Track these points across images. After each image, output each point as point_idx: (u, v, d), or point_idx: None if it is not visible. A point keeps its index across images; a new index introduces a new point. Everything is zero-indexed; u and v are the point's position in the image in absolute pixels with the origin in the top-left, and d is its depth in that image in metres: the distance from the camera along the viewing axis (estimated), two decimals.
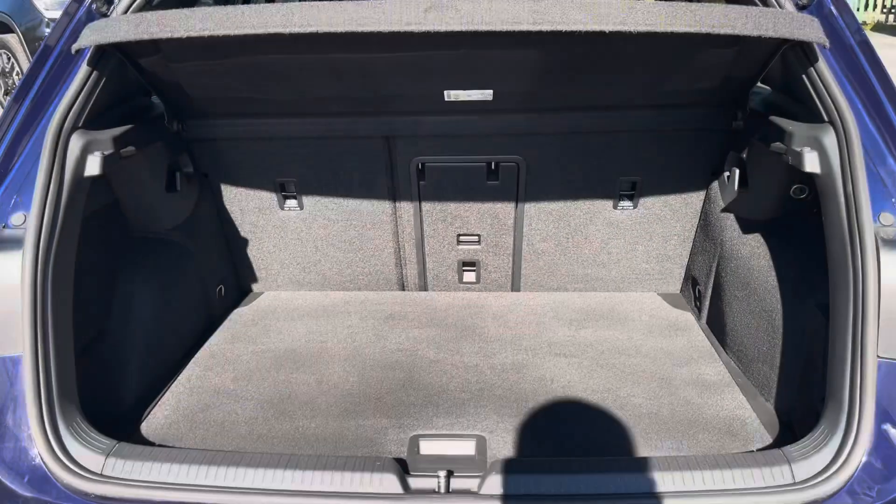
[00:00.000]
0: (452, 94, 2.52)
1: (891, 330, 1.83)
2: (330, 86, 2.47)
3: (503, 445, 2.25)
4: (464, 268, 3.30)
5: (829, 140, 1.98)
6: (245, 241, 3.22)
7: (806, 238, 2.42)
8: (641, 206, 3.04)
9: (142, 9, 2.24)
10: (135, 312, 2.54)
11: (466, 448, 2.24)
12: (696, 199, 3.00)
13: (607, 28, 1.83)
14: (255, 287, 3.39)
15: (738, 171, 2.69)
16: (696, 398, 2.48)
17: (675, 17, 1.83)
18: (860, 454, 1.81)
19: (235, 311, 3.21)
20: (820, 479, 1.80)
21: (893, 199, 1.97)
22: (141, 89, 2.56)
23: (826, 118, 2.02)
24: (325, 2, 1.86)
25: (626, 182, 2.98)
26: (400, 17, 1.83)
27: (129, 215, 2.64)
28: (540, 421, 2.37)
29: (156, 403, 2.50)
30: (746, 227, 2.67)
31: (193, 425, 2.38)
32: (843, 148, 1.94)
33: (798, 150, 2.07)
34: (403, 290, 3.38)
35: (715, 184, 2.90)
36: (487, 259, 3.24)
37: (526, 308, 3.19)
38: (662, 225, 3.09)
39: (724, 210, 2.81)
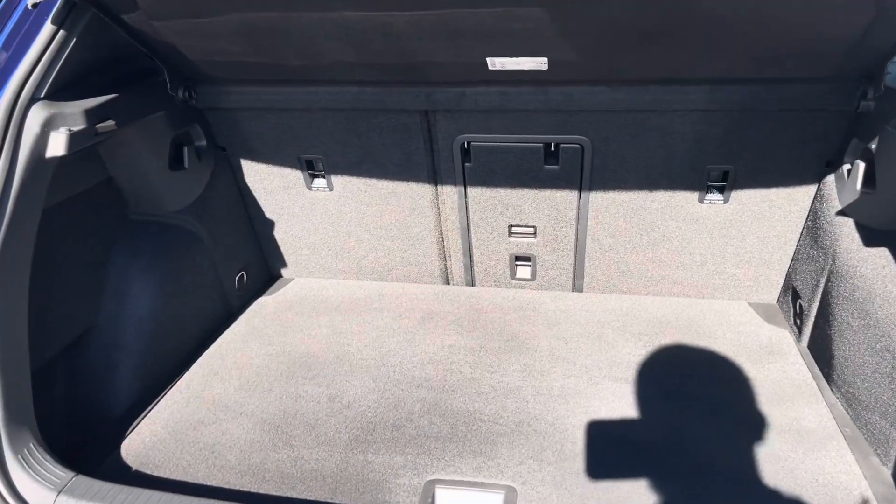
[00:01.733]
0: (497, 62, 2.04)
1: None
2: (346, 50, 2.04)
3: (537, 502, 1.83)
4: (517, 262, 2.85)
5: None
6: (271, 224, 2.86)
7: None
8: (734, 200, 2.49)
9: None
10: (128, 307, 2.23)
11: (492, 502, 1.84)
12: (804, 194, 2.43)
13: None
14: (285, 273, 3.05)
15: (862, 166, 2.11)
16: (790, 452, 1.97)
17: None
18: None
19: (258, 300, 2.88)
20: None
21: None
22: (131, 53, 2.21)
23: None
24: None
25: (716, 171, 2.43)
26: None
27: (124, 196, 2.32)
28: (586, 471, 1.92)
29: (146, 415, 2.20)
30: (870, 238, 2.09)
31: (181, 446, 2.06)
32: None
33: None
34: (448, 283, 2.96)
35: (830, 178, 2.32)
36: (544, 254, 2.77)
37: (587, 314, 2.71)
38: (759, 224, 2.53)
39: (841, 213, 2.23)
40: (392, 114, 2.42)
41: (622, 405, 2.18)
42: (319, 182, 2.71)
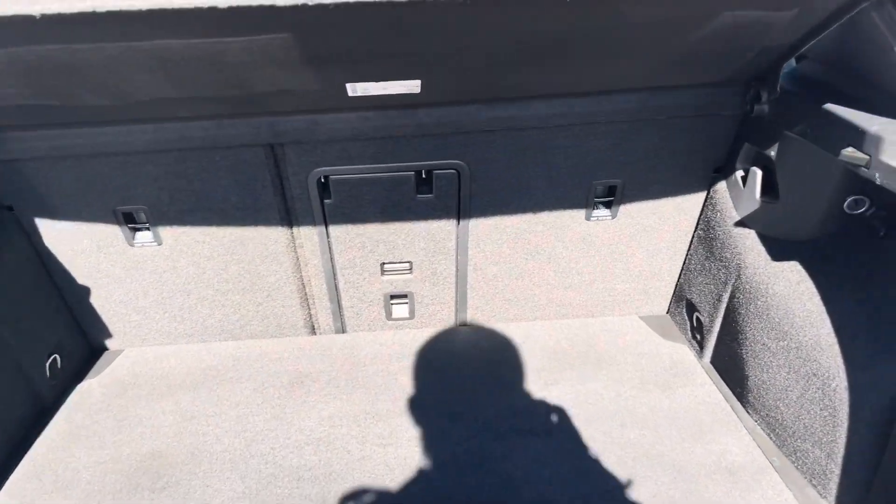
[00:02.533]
0: (359, 88, 1.68)
1: None
2: (165, 84, 1.59)
3: None
4: (392, 301, 2.50)
5: None
6: (86, 290, 2.32)
7: (871, 273, 1.73)
8: (622, 214, 2.29)
9: None
10: None
11: None
12: (693, 203, 2.27)
13: None
14: (112, 344, 2.50)
15: (760, 173, 1.97)
16: (726, 497, 1.79)
17: None
18: None
19: (80, 386, 2.33)
20: None
21: None
22: None
23: None
24: None
25: (602, 186, 2.22)
26: None
27: None
28: None
29: None
30: (778, 251, 1.95)
31: None
32: None
33: (895, 164, 1.35)
34: (314, 334, 2.56)
35: (721, 186, 2.17)
36: (423, 290, 2.45)
37: (477, 351, 2.42)
38: (648, 237, 2.36)
39: (740, 224, 2.09)
40: (229, 150, 1.98)
41: (535, 466, 1.91)
42: (143, 236, 2.21)
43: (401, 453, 1.97)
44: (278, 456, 1.98)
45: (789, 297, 1.85)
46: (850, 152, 1.48)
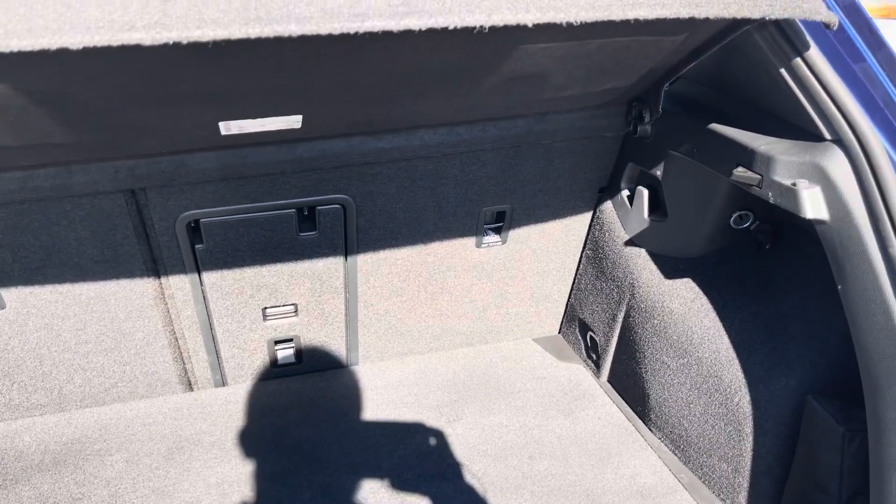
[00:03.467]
0: (234, 127, 1.52)
1: None
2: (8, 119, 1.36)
3: None
4: (277, 347, 2.32)
5: (839, 169, 1.30)
6: None
7: (762, 285, 1.77)
8: (512, 239, 2.25)
9: None
10: None
11: None
12: (579, 224, 2.27)
13: (530, 19, 0.97)
14: None
15: (646, 192, 1.98)
16: None
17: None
18: None
19: None
20: None
21: None
22: None
23: (827, 135, 1.33)
24: None
25: (491, 213, 2.17)
26: (109, 16, 0.83)
27: None
28: None
29: None
30: (670, 269, 1.97)
31: None
32: (869, 181, 1.26)
33: (786, 183, 1.37)
34: (191, 390, 2.33)
35: (607, 205, 2.18)
36: (310, 332, 2.29)
37: (372, 393, 2.30)
38: (538, 259, 2.33)
39: (630, 243, 2.09)
40: (83, 199, 1.75)
41: None
42: None
43: None
44: None
45: (686, 314, 1.87)
46: (740, 172, 1.50)
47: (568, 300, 2.48)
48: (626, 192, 2.09)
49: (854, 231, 1.28)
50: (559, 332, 2.59)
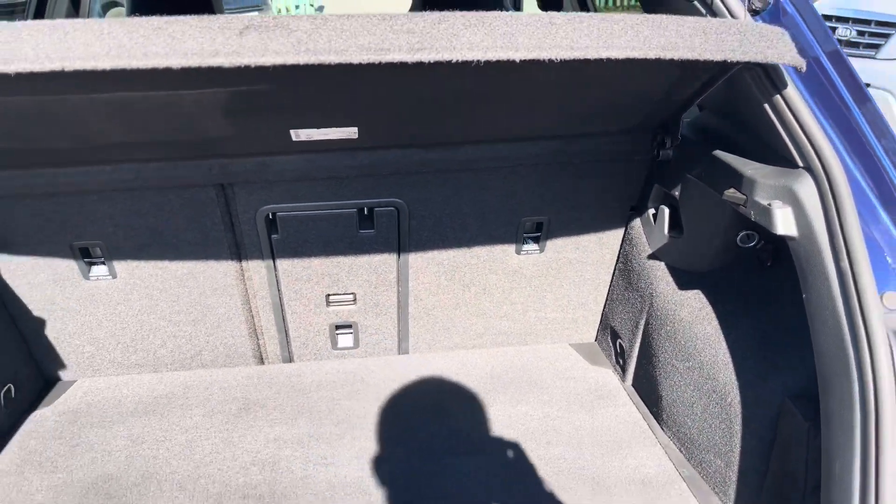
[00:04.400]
0: (303, 134, 1.86)
1: None
2: (122, 130, 1.74)
3: None
4: (338, 331, 2.65)
5: (807, 192, 1.49)
6: (41, 322, 2.41)
7: (762, 300, 1.95)
8: (549, 248, 2.49)
9: None
10: None
11: None
12: (612, 238, 2.49)
13: (518, 56, 1.23)
14: (65, 375, 2.59)
15: (667, 211, 2.19)
16: None
17: (612, 38, 1.26)
18: None
19: (34, 414, 2.41)
20: None
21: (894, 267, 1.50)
22: None
23: (800, 163, 1.53)
24: (88, 22, 1.16)
25: (529, 223, 2.42)
26: (200, 45, 1.16)
27: None
28: None
29: None
30: (683, 280, 2.17)
31: None
32: (829, 204, 1.45)
33: (764, 203, 1.57)
34: (262, 363, 2.69)
35: (637, 222, 2.39)
36: (366, 320, 2.60)
37: (418, 378, 2.58)
38: (574, 269, 2.56)
39: (652, 257, 2.30)
40: (182, 190, 2.13)
41: (470, 485, 2.06)
42: (98, 270, 2.33)
43: (342, 473, 2.11)
44: (225, 476, 2.10)
45: (692, 321, 2.06)
46: (731, 192, 1.71)
47: (603, 309, 2.69)
48: (651, 211, 2.30)
49: (815, 246, 1.47)
50: (595, 340, 2.79)
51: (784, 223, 1.53)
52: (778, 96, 1.55)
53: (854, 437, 1.37)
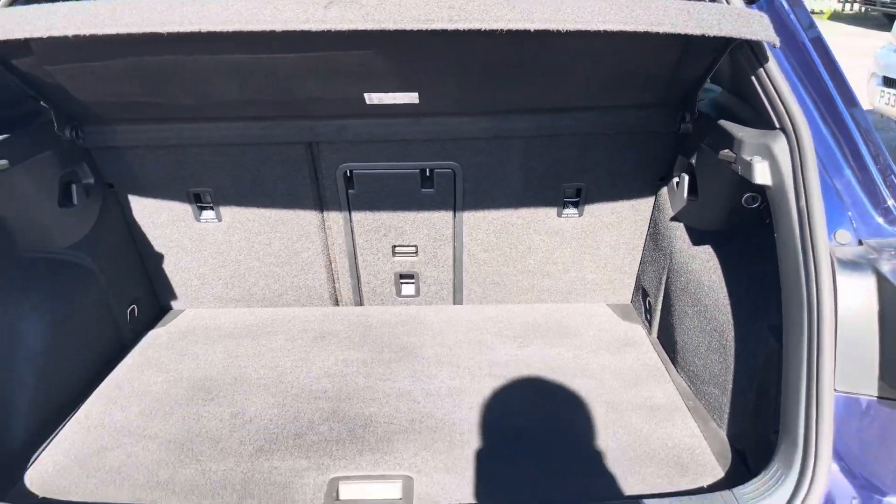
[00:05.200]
0: (374, 98, 2.28)
1: (848, 361, 1.65)
2: (235, 89, 2.22)
3: (432, 486, 2.04)
4: (401, 280, 3.07)
5: (780, 148, 1.80)
6: (160, 257, 2.94)
7: (759, 252, 2.24)
8: (587, 213, 2.84)
9: (12, 3, 1.97)
10: (21, 344, 2.26)
11: (391, 491, 2.04)
12: (644, 206, 2.81)
13: (532, 26, 1.61)
14: (175, 304, 3.12)
15: (687, 178, 2.50)
16: (645, 425, 2.29)
17: (608, 14, 1.62)
18: (817, 499, 1.63)
19: (151, 332, 2.94)
20: None
21: (850, 215, 1.79)
22: (21, 95, 2.28)
23: (777, 124, 1.84)
24: None
25: (570, 188, 2.77)
26: (296, 14, 1.59)
27: (14, 234, 2.35)
28: (473, 456, 2.16)
29: (46, 446, 2.23)
30: (697, 238, 2.48)
31: (86, 472, 2.12)
32: (796, 158, 1.75)
33: (748, 159, 1.88)
34: (337, 305, 3.14)
35: (664, 190, 2.71)
36: (426, 271, 3.02)
37: (467, 323, 2.97)
38: (610, 233, 2.90)
39: (673, 219, 2.62)
40: (278, 147, 2.60)
41: (502, 399, 2.44)
42: (208, 214, 2.83)
43: (396, 385, 2.52)
44: (302, 383, 2.55)
45: (701, 272, 2.37)
46: (725, 153, 2.02)
47: (637, 273, 3.01)
48: (675, 179, 2.61)
49: (784, 192, 1.77)
50: (630, 302, 3.11)
51: (761, 174, 1.84)
52: (761, 70, 1.86)
53: (802, 342, 1.68)
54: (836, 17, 19.32)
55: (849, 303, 1.64)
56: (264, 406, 2.42)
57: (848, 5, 19.98)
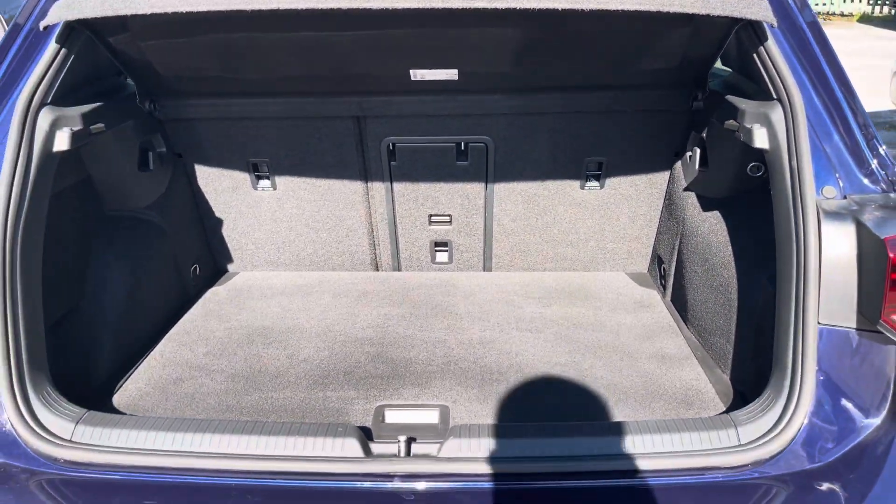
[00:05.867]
0: (418, 74, 2.57)
1: (831, 298, 1.90)
2: (297, 65, 2.53)
3: (466, 414, 2.32)
4: (436, 248, 3.36)
5: (777, 116, 2.05)
6: (219, 221, 3.26)
7: (761, 214, 2.49)
8: (608, 186, 3.11)
9: None
10: (107, 290, 2.59)
11: (430, 417, 2.31)
12: (661, 179, 3.07)
13: (558, 6, 1.89)
14: (231, 267, 3.44)
15: (698, 151, 2.76)
16: (656, 370, 2.55)
17: None
18: (802, 417, 1.88)
19: (210, 289, 3.26)
20: (764, 440, 1.87)
21: (837, 174, 2.04)
22: (112, 69, 2.60)
23: (775, 95, 2.09)
24: None
25: (592, 162, 3.04)
26: None
27: (101, 193, 2.68)
28: (503, 391, 2.44)
29: (128, 377, 2.55)
30: (706, 205, 2.74)
31: (164, 397, 2.44)
32: (790, 124, 2.01)
33: (749, 126, 2.14)
34: (377, 270, 3.44)
35: (678, 164, 2.97)
36: (459, 239, 3.30)
37: (496, 287, 3.25)
38: (629, 205, 3.16)
39: (686, 189, 2.87)
40: (329, 120, 2.91)
41: (528, 348, 2.72)
42: (264, 183, 3.15)
43: (433, 335, 2.81)
44: (348, 332, 2.85)
45: (709, 234, 2.63)
46: (730, 123, 2.29)
47: (654, 242, 3.27)
48: (689, 153, 2.87)
49: (779, 153, 2.03)
50: (647, 270, 3.37)
51: (760, 139, 2.09)
52: (761, 47, 2.12)
53: (792, 282, 1.93)
54: (865, 19, 19.29)
55: (831, 247, 1.90)
56: (316, 349, 2.72)
57: (878, 8, 19.93)
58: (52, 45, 2.15)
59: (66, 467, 1.89)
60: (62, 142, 2.15)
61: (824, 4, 20.08)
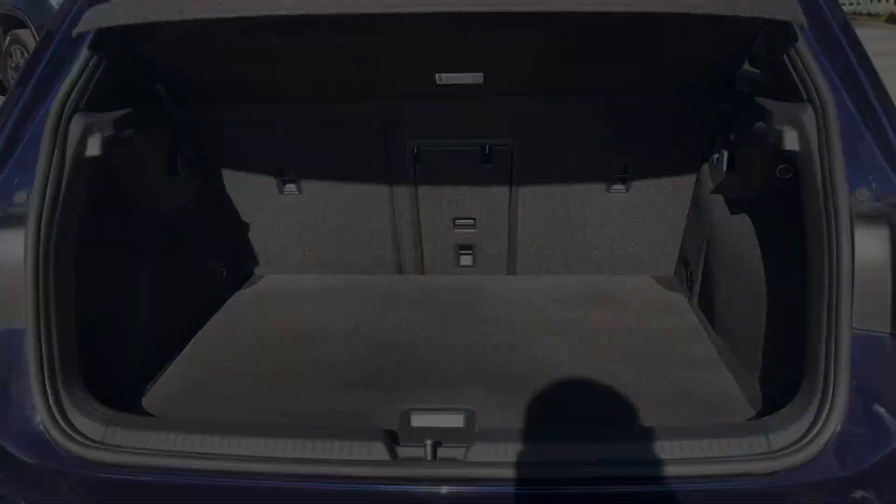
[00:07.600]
0: (444, 77, 2.58)
1: (864, 302, 1.87)
2: (325, 70, 2.55)
3: (492, 418, 2.31)
4: (460, 251, 3.36)
5: (808, 118, 2.02)
6: (246, 225, 3.29)
7: (791, 217, 2.46)
8: (634, 189, 3.09)
9: None
10: (137, 293, 2.62)
11: (456, 421, 2.30)
12: (687, 183, 3.04)
13: (585, 8, 1.88)
14: (257, 270, 3.46)
15: (726, 154, 2.73)
16: (684, 375, 2.53)
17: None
18: (835, 423, 1.85)
19: (237, 293, 3.28)
20: (795, 447, 1.85)
21: (870, 177, 2.01)
22: (142, 75, 2.64)
23: (805, 97, 2.06)
24: None
25: (617, 166, 3.03)
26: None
27: (131, 197, 2.71)
28: (529, 396, 2.43)
29: (157, 379, 2.58)
30: (734, 208, 2.71)
31: (193, 399, 2.46)
32: (821, 126, 1.98)
33: (779, 128, 2.11)
34: (401, 273, 3.44)
35: (705, 167, 2.94)
36: (483, 242, 3.30)
37: (521, 290, 3.24)
38: (655, 209, 3.14)
39: (713, 192, 2.85)
40: (355, 125, 2.92)
41: (553, 352, 2.70)
42: (290, 187, 3.17)
43: (457, 337, 2.81)
44: (374, 334, 2.86)
45: (737, 236, 2.60)
46: (760, 125, 2.26)
47: (680, 246, 3.24)
48: (716, 156, 2.84)
49: (810, 156, 2.00)
50: (673, 274, 3.34)
51: (790, 141, 2.07)
52: (792, 48, 2.09)
53: (824, 285, 1.90)
54: (892, 19, 18.99)
55: (865, 250, 1.87)
56: (342, 353, 2.73)
57: None
58: (84, 52, 2.19)
59: (98, 469, 1.91)
60: (94, 147, 2.18)
61: (851, 4, 19.82)
